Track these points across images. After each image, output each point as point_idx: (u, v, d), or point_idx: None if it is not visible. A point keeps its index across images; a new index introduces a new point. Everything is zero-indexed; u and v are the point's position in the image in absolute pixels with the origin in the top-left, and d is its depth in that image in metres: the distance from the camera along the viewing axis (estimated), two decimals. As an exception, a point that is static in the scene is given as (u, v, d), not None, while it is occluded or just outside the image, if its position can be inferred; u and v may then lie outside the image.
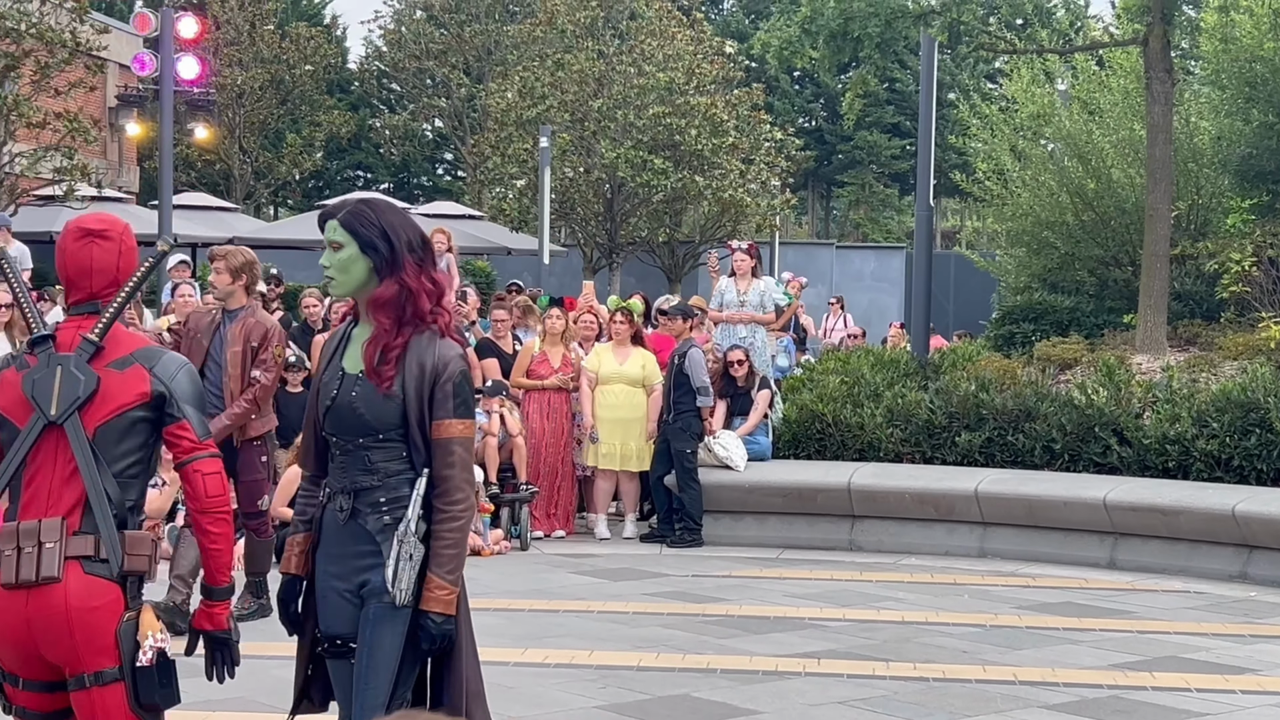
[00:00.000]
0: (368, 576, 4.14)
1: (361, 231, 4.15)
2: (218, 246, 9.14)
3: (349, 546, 4.18)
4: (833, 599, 9.67)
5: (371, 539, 4.15)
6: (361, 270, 4.16)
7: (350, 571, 4.17)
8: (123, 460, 3.99)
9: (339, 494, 4.20)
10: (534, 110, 27.57)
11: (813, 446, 12.77)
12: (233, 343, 8.45)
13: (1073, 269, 18.98)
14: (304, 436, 4.41)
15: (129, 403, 3.99)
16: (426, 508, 4.12)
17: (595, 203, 28.46)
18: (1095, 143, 18.79)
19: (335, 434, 4.22)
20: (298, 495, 4.46)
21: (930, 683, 7.62)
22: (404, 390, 4.11)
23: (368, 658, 4.09)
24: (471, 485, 4.22)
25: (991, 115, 21.13)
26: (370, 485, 4.16)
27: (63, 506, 3.92)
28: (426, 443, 4.13)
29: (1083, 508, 10.96)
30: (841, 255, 35.81)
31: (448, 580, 4.11)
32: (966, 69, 44.22)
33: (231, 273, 8.48)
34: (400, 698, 4.09)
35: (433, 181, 48.93)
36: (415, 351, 4.13)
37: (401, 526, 4.08)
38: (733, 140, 27.83)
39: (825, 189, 54.98)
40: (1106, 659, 8.10)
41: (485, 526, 11.43)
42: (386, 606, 4.09)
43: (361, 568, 4.16)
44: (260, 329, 8.51)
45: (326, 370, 4.27)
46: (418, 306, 4.12)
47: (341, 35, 46.52)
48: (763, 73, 39.88)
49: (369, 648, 4.10)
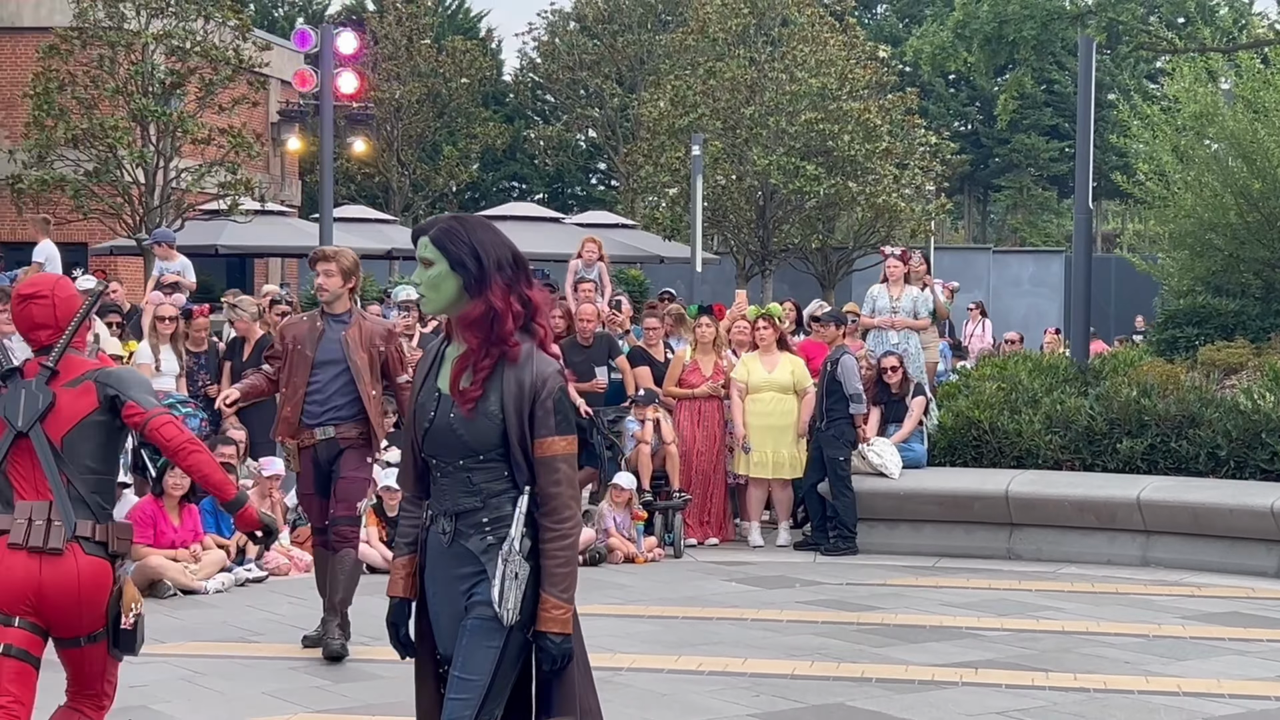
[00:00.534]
0: (474, 592, 4.10)
1: (451, 249, 4.10)
2: (324, 247, 8.86)
3: (454, 569, 4.14)
4: (990, 608, 9.54)
5: (476, 559, 4.10)
6: (451, 288, 4.11)
7: (458, 595, 4.13)
8: (89, 459, 4.84)
9: (441, 516, 4.16)
10: (686, 119, 27.63)
11: (969, 453, 12.62)
12: (355, 350, 8.12)
13: (1237, 271, 18.52)
14: (402, 457, 4.41)
15: (84, 412, 4.84)
16: (530, 525, 4.08)
17: (747, 210, 28.43)
18: (1261, 142, 18.33)
19: (435, 456, 4.16)
20: (400, 516, 4.42)
21: (1091, 693, 7.49)
22: (503, 409, 4.06)
23: (460, 669, 4.05)
24: (578, 501, 4.16)
25: (1153, 115, 20.74)
26: (473, 507, 4.12)
27: (47, 497, 4.82)
28: (529, 461, 4.08)
29: (1249, 515, 10.69)
30: (999, 260, 35.37)
31: (563, 599, 4.06)
32: (1126, 69, 43.42)
33: (343, 274, 8.13)
34: (489, 714, 4.05)
35: (586, 191, 49.29)
36: (512, 370, 4.07)
37: (505, 545, 4.03)
38: (886, 145, 27.63)
39: (982, 193, 54.34)
40: (1275, 670, 7.90)
41: (639, 534, 11.48)
42: (484, 621, 4.05)
43: (468, 589, 4.12)
44: (382, 331, 8.32)
45: (423, 390, 4.23)
46: (502, 327, 4.07)
47: (496, 48, 47.11)
48: (916, 77, 39.52)
49: (463, 659, 4.06)
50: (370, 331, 8.16)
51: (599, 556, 10.99)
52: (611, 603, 9.51)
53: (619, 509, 11.34)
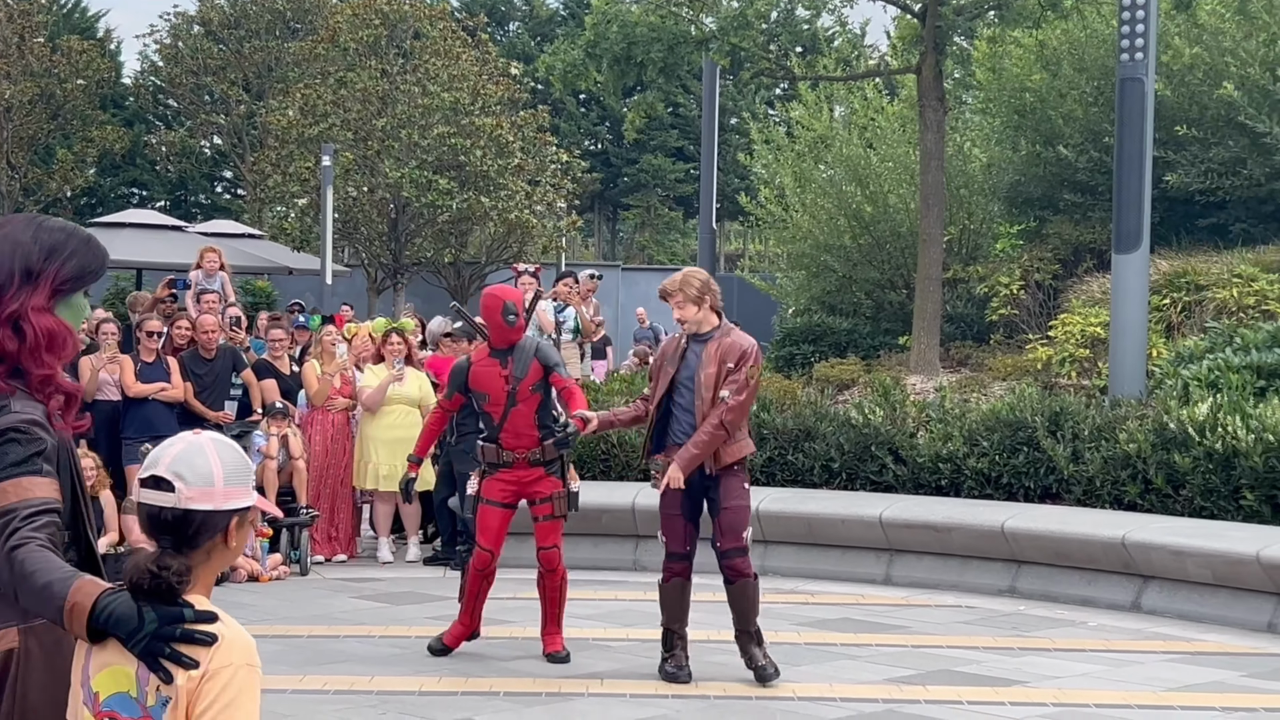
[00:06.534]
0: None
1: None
2: (666, 282, 8.24)
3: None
4: (616, 619, 9.69)
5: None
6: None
7: None
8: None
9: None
10: (316, 128, 27.22)
11: (598, 467, 12.81)
12: (707, 364, 7.88)
13: (850, 291, 19.41)
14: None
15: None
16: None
17: (379, 222, 28.19)
18: (873, 168, 19.26)
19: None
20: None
21: (712, 700, 7.68)
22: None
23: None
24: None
25: (777, 139, 21.51)
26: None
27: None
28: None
29: (859, 525, 11.18)
30: (627, 277, 36.08)
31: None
32: (748, 94, 44.95)
33: (694, 302, 7.91)
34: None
35: (211, 199, 47.95)
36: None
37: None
38: (518, 161, 27.85)
39: (611, 211, 55.35)
40: (882, 673, 8.26)
41: (264, 551, 11.22)
42: None
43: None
44: (736, 349, 7.90)
45: None
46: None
47: (116, 49, 45.35)
48: (548, 95, 39.99)
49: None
50: (725, 348, 7.90)
51: (222, 576, 10.67)
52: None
53: (243, 526, 11.04)
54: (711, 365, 7.87)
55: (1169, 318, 14.41)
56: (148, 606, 2.70)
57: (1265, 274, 14.26)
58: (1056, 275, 16.87)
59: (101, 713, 2.76)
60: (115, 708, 2.75)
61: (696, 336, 8.00)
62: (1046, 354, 14.25)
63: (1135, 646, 9.11)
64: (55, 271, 3.14)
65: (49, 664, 3.02)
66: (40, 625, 2.99)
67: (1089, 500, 11.29)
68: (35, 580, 2.78)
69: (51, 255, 3.14)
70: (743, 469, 7.98)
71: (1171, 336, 14.07)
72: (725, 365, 7.86)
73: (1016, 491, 11.64)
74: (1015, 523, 10.75)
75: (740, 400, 7.82)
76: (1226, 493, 10.66)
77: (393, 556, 11.92)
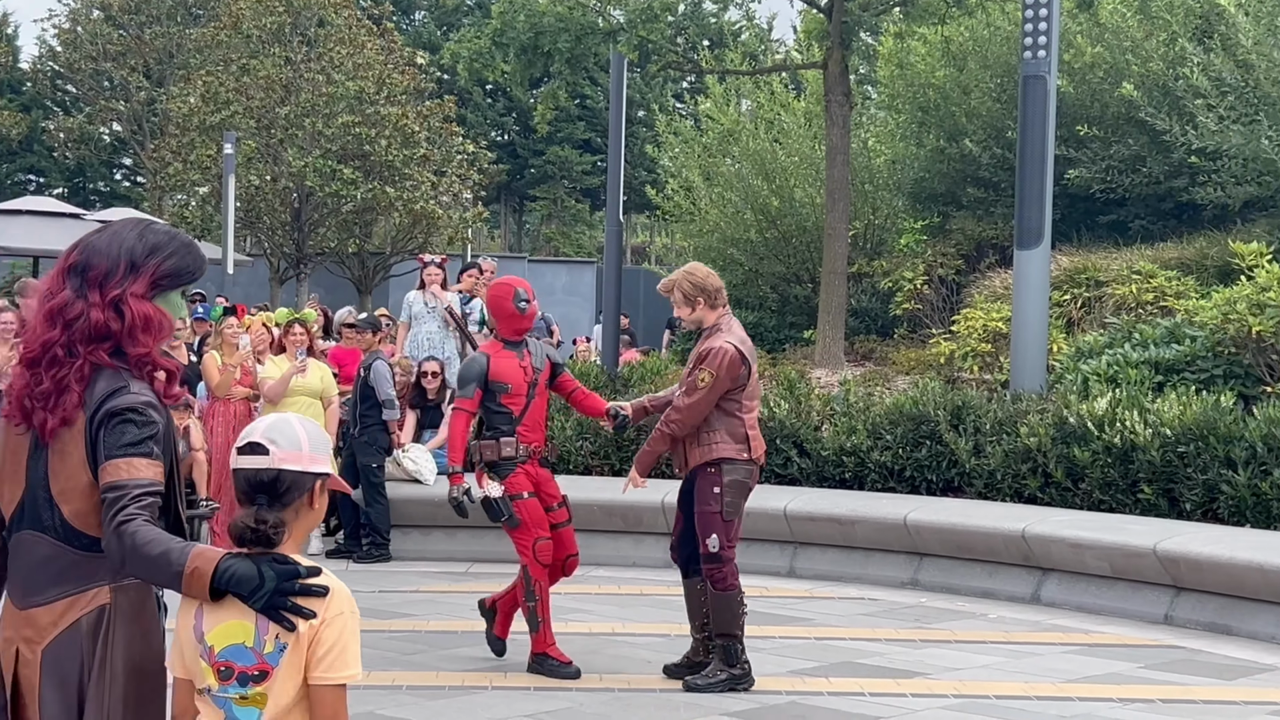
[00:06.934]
0: None
1: None
2: (665, 280, 8.12)
3: None
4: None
5: None
6: None
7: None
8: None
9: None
10: (218, 116, 26.87)
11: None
12: (688, 365, 7.88)
13: (756, 285, 19.48)
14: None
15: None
16: None
17: (282, 212, 27.90)
18: (779, 162, 19.33)
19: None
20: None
21: (616, 693, 7.67)
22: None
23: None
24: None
25: (685, 132, 21.53)
26: None
27: None
28: None
29: (764, 517, 11.21)
30: (534, 269, 35.97)
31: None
32: (655, 87, 44.97)
33: (685, 303, 7.80)
34: None
35: (110, 187, 47.23)
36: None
37: None
38: (424, 152, 27.66)
39: (518, 203, 55.17)
40: (785, 665, 8.29)
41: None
42: None
43: None
44: (702, 352, 7.77)
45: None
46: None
47: (14, 33, 44.53)
48: (454, 84, 39.78)
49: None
50: (700, 350, 7.77)
51: (119, 568, 10.52)
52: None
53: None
54: (687, 369, 7.89)
55: (1069, 313, 14.60)
56: (266, 566, 3.11)
57: (1163, 270, 14.48)
58: (959, 270, 17.03)
59: (218, 663, 3.13)
60: (231, 658, 3.11)
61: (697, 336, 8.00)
62: (949, 348, 14.37)
63: (1035, 638, 9.22)
64: (156, 266, 3.50)
65: (135, 618, 3.37)
66: (128, 584, 3.37)
67: (990, 493, 11.41)
68: (150, 550, 3.14)
69: (154, 253, 3.51)
70: (719, 472, 7.74)
71: (1072, 332, 14.24)
72: (689, 366, 7.85)
73: (919, 485, 11.74)
74: (918, 515, 10.84)
75: (688, 402, 7.71)
76: (1125, 486, 10.81)
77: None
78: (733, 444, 7.78)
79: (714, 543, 7.73)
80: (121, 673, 3.32)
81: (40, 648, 3.33)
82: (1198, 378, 11.73)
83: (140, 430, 3.33)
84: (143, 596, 3.40)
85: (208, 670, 3.14)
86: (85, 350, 3.39)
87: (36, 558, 3.38)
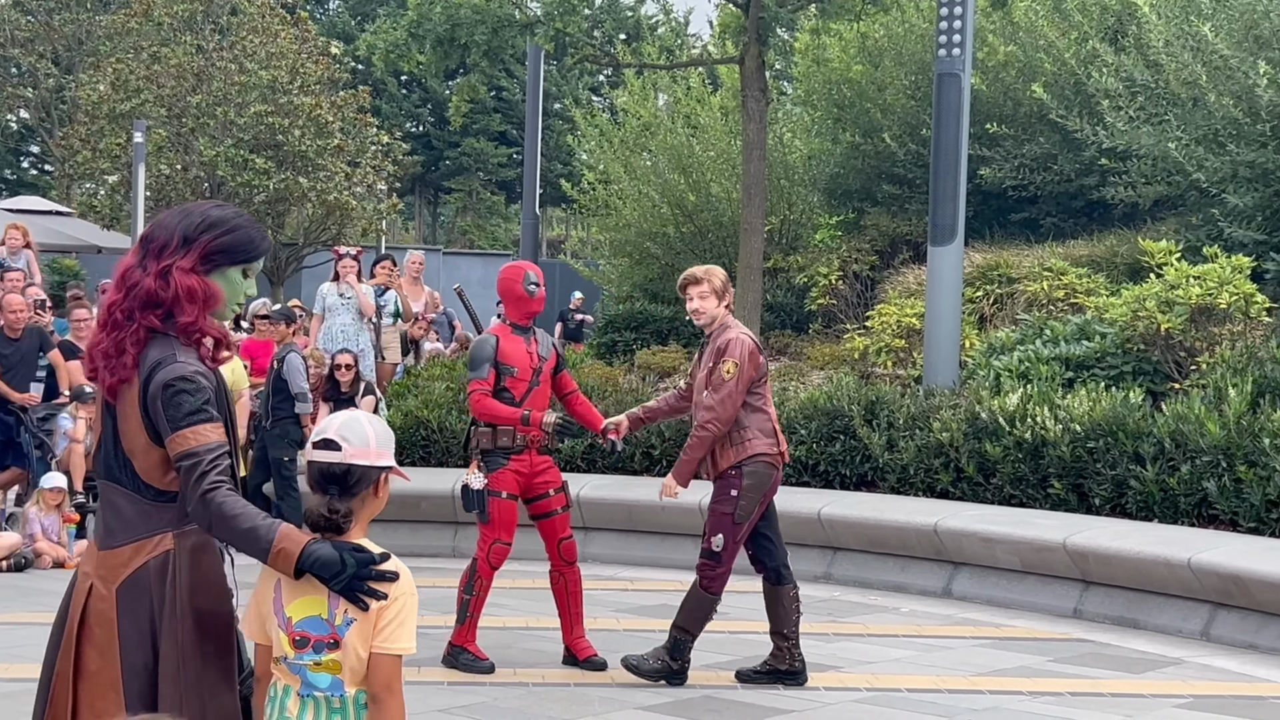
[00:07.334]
0: None
1: None
2: (695, 269, 8.03)
3: None
4: (435, 606, 9.57)
5: None
6: None
7: None
8: None
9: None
10: (128, 104, 26.49)
11: (417, 453, 12.69)
12: (701, 367, 7.80)
13: (673, 279, 19.43)
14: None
15: None
16: None
17: (193, 201, 27.57)
18: (696, 157, 19.34)
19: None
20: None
21: (530, 688, 7.64)
22: None
23: None
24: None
25: (602, 125, 21.50)
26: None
27: None
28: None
29: (678, 512, 11.23)
30: (449, 261, 35.82)
31: None
32: (571, 80, 44.91)
33: (716, 294, 7.76)
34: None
35: (17, 175, 46.49)
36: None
37: None
38: (338, 142, 27.41)
39: (433, 195, 54.90)
40: (700, 660, 8.30)
41: (71, 537, 10.90)
42: None
43: None
44: (719, 347, 7.68)
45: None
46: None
47: (-83, 17, 43.67)
48: (369, 75, 39.48)
49: None
50: (717, 347, 7.66)
51: (25, 562, 10.35)
52: (39, 610, 8.96)
53: (49, 512, 10.71)
54: (703, 369, 7.81)
55: (982, 310, 14.73)
56: (347, 553, 3.49)
57: (1074, 268, 14.64)
58: (874, 266, 17.14)
59: (295, 633, 3.52)
60: (307, 628, 3.51)
61: (711, 334, 7.88)
62: (863, 344, 14.46)
63: (946, 632, 9.29)
64: (207, 242, 3.76)
65: (196, 561, 3.71)
66: (189, 530, 3.70)
67: (903, 488, 11.49)
68: (239, 524, 3.54)
69: (209, 229, 3.78)
70: (739, 474, 7.68)
71: (984, 328, 14.37)
72: (708, 365, 7.75)
73: (833, 479, 11.80)
74: (831, 510, 10.89)
75: (719, 398, 7.61)
76: (1035, 481, 10.93)
77: (205, 543, 11.67)
78: (764, 439, 7.73)
79: (718, 542, 7.72)
80: (189, 611, 3.65)
81: (115, 586, 3.67)
82: (1107, 374, 11.87)
83: (195, 398, 3.62)
84: (204, 542, 3.71)
85: (285, 640, 3.53)
86: (140, 316, 3.69)
87: (111, 505, 3.72)
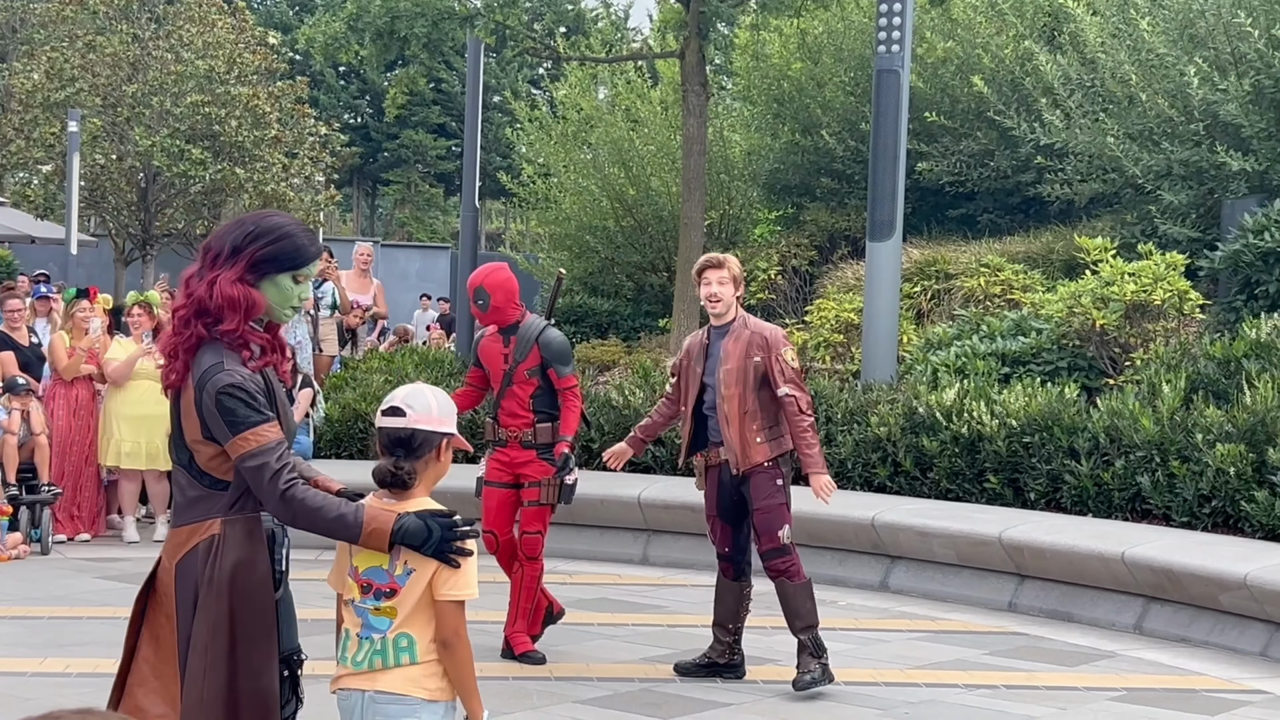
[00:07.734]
0: None
1: None
2: (713, 254, 8.00)
3: None
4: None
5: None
6: None
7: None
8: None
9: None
10: (63, 93, 26.20)
11: (355, 446, 12.64)
12: (725, 360, 7.58)
13: (612, 273, 19.50)
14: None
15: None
16: None
17: (128, 192, 27.29)
18: (637, 150, 19.35)
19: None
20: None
21: (469, 682, 7.62)
22: None
23: None
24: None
25: (542, 118, 21.46)
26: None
27: None
28: None
29: (618, 505, 11.24)
30: (387, 254, 35.65)
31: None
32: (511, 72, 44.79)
33: (734, 282, 7.69)
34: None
35: (-51, 163, 45.88)
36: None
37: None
38: (275, 133, 27.23)
39: (370, 186, 54.63)
40: (639, 653, 8.32)
41: (3, 530, 10.78)
42: None
43: None
44: (759, 340, 7.58)
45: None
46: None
47: None
48: (307, 66, 39.24)
49: None
50: (748, 341, 7.54)
51: (-44, 556, 10.24)
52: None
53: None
54: (731, 361, 7.63)
55: (920, 305, 14.82)
56: (432, 520, 3.90)
57: (1011, 264, 14.75)
58: (813, 261, 17.21)
59: (361, 580, 3.98)
60: (370, 576, 3.97)
61: (717, 329, 7.80)
62: (802, 338, 14.51)
63: (883, 625, 9.35)
64: (253, 252, 3.94)
65: (239, 545, 3.93)
66: (236, 518, 3.94)
67: (841, 482, 11.53)
68: (326, 515, 3.86)
69: (257, 239, 3.95)
70: (776, 466, 7.66)
71: (922, 323, 14.46)
72: (751, 360, 7.60)
73: (771, 473, 11.82)
74: (770, 504, 10.92)
75: (800, 388, 7.60)
76: (971, 475, 11.01)
77: (139, 536, 11.57)
78: (786, 438, 7.74)
79: (786, 534, 7.66)
80: (226, 592, 3.87)
81: (175, 561, 3.95)
82: (1043, 369, 11.98)
83: (248, 406, 3.85)
84: (249, 528, 3.94)
85: (353, 585, 3.99)
86: (195, 323, 3.93)
87: (179, 487, 4.04)
